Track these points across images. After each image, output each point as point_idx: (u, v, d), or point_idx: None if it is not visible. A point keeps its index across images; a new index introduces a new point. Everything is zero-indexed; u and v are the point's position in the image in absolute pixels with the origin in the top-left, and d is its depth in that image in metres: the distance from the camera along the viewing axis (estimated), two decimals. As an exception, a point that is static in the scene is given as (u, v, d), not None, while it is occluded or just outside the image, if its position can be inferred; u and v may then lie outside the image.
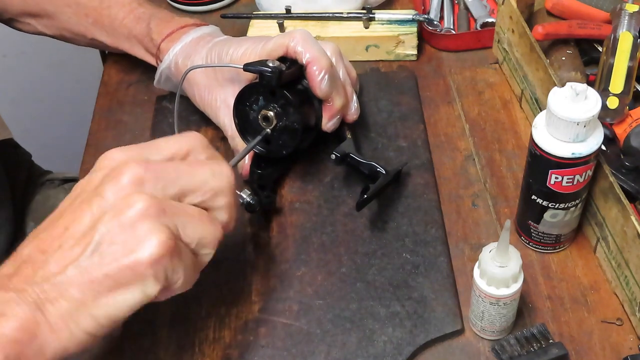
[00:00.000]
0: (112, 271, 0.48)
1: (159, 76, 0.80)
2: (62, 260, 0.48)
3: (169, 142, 0.54)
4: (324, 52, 0.70)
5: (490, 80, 0.86)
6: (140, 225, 0.48)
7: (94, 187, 0.50)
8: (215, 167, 0.53)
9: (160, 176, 0.50)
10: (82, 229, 0.48)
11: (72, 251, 0.48)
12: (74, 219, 0.49)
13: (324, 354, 0.63)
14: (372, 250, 0.70)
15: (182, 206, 0.51)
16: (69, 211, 0.50)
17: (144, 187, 0.49)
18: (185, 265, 0.50)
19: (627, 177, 0.71)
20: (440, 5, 0.95)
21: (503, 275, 0.58)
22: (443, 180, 0.76)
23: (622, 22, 0.77)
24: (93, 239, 0.48)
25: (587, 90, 0.59)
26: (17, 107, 1.57)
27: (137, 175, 0.49)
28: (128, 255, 0.48)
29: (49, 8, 0.84)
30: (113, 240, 0.48)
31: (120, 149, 0.52)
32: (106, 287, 0.48)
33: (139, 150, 0.52)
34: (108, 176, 0.50)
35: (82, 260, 0.48)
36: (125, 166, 0.49)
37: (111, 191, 0.49)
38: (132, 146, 0.53)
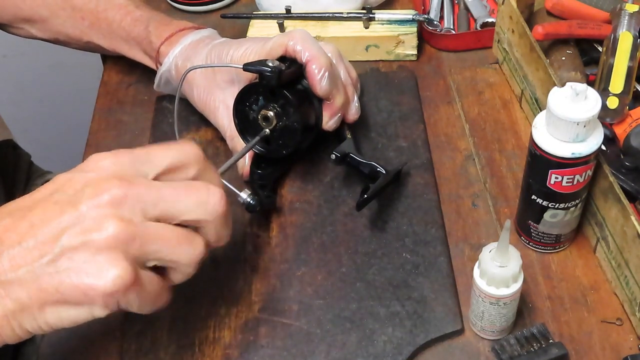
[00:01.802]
0: (62, 287, 0.47)
1: (159, 79, 0.80)
2: (17, 258, 0.47)
3: (162, 155, 0.51)
4: (323, 51, 0.70)
5: (490, 80, 0.86)
6: (103, 253, 0.47)
7: (72, 192, 0.48)
8: (202, 195, 0.51)
9: (142, 200, 0.48)
10: (46, 234, 0.47)
11: (30, 253, 0.47)
12: (42, 219, 0.47)
13: (324, 354, 0.63)
14: (372, 250, 0.70)
15: (159, 230, 0.49)
16: (40, 208, 0.48)
17: (122, 209, 0.47)
18: (146, 293, 0.49)
19: (627, 177, 0.71)
20: (440, 5, 0.95)
21: (503, 275, 0.58)
22: (443, 180, 0.76)
23: (622, 22, 0.77)
24: (54, 248, 0.47)
25: (587, 90, 0.59)
26: (17, 108, 1.57)
27: (117, 196, 0.47)
28: (82, 279, 0.46)
29: (43, 12, 0.83)
30: (73, 257, 0.47)
31: (111, 156, 0.50)
32: (54, 299, 0.47)
33: (129, 162, 0.50)
34: (89, 186, 0.48)
35: (37, 266, 0.47)
36: (108, 183, 0.48)
37: (87, 205, 0.47)
38: (123, 154, 0.50)
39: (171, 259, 0.50)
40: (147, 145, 0.54)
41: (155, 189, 0.49)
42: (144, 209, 0.48)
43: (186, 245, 0.50)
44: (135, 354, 0.64)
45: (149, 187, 0.49)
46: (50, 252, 0.46)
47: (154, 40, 0.79)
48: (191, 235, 0.50)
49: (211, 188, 0.51)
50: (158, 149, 0.51)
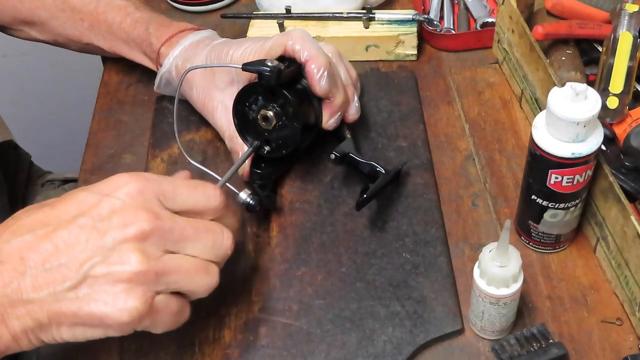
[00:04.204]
0: (81, 313, 0.49)
1: (159, 80, 0.80)
2: (39, 279, 0.48)
3: (187, 196, 0.53)
4: (322, 51, 0.70)
5: (490, 80, 0.86)
6: (124, 286, 0.49)
7: (99, 218, 0.49)
8: (218, 239, 0.54)
9: (166, 236, 0.50)
10: (70, 259, 0.48)
11: (52, 276, 0.48)
12: (66, 243, 0.49)
13: (324, 354, 0.63)
14: (372, 250, 0.70)
15: (178, 262, 0.51)
16: (65, 230, 0.49)
17: (146, 244, 0.50)
18: (163, 318, 0.52)
19: (627, 177, 0.71)
20: (440, 5, 0.95)
21: (503, 275, 0.58)
22: (443, 180, 0.76)
23: (622, 22, 0.77)
24: (77, 275, 0.48)
25: (587, 90, 0.59)
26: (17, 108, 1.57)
27: (144, 231, 0.49)
28: (100, 307, 0.49)
29: (42, 14, 0.83)
30: (93, 286, 0.49)
31: (138, 182, 0.51)
32: (72, 321, 0.50)
33: (156, 194, 0.51)
34: (116, 215, 0.49)
35: (59, 290, 0.48)
36: (135, 215, 0.49)
37: (113, 236, 0.49)
38: (151, 185, 0.51)
39: (187, 289, 0.53)
40: (173, 177, 0.56)
41: (178, 226, 0.51)
42: (165, 244, 0.51)
43: (203, 275, 0.53)
44: (135, 354, 0.64)
45: (173, 224, 0.51)
46: (72, 277, 0.48)
47: (154, 41, 0.79)
48: (207, 266, 0.53)
49: (225, 234, 0.54)
50: (184, 188, 0.54)
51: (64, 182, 1.03)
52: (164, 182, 0.52)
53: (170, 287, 0.51)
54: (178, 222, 0.51)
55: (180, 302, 0.53)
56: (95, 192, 0.51)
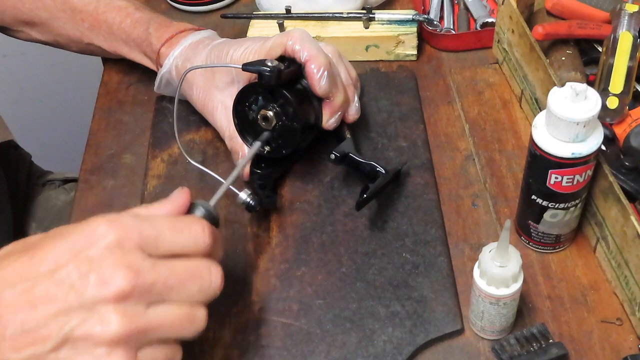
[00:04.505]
0: None
1: (159, 81, 0.80)
2: (19, 340, 0.47)
3: (171, 241, 0.51)
4: (322, 51, 0.70)
5: (490, 80, 0.86)
6: (105, 348, 0.47)
7: (77, 275, 0.47)
8: (205, 281, 0.51)
9: (147, 291, 0.48)
10: (49, 319, 0.47)
11: (33, 337, 0.47)
12: (44, 303, 0.47)
13: (324, 353, 0.63)
14: (372, 250, 0.70)
15: (161, 315, 0.49)
16: (43, 286, 0.47)
17: (127, 303, 0.47)
18: None
19: (627, 177, 0.71)
20: (440, 5, 0.95)
21: (503, 275, 0.58)
22: (443, 180, 0.76)
23: (622, 22, 0.77)
24: (57, 335, 0.46)
25: (587, 90, 0.59)
26: (17, 108, 1.57)
27: (123, 290, 0.47)
28: None
29: (43, 15, 0.83)
30: (75, 348, 0.47)
31: (118, 231, 0.48)
32: None
33: (136, 244, 0.49)
34: (95, 273, 0.47)
35: (39, 352, 0.47)
36: (114, 273, 0.47)
37: (92, 295, 0.47)
38: (131, 231, 0.49)
39: (172, 335, 0.51)
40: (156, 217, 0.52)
41: (161, 278, 0.49)
42: (148, 299, 0.48)
43: (188, 324, 0.51)
44: (135, 354, 0.64)
45: (155, 277, 0.49)
46: (52, 339, 0.46)
47: (154, 42, 0.79)
48: (193, 312, 0.51)
49: (214, 272, 0.52)
50: (169, 232, 0.51)
51: (64, 182, 1.03)
52: (146, 229, 0.50)
53: (154, 340, 0.49)
54: (161, 273, 0.49)
55: (167, 349, 0.51)
56: (74, 244, 0.48)
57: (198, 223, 0.52)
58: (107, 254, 0.48)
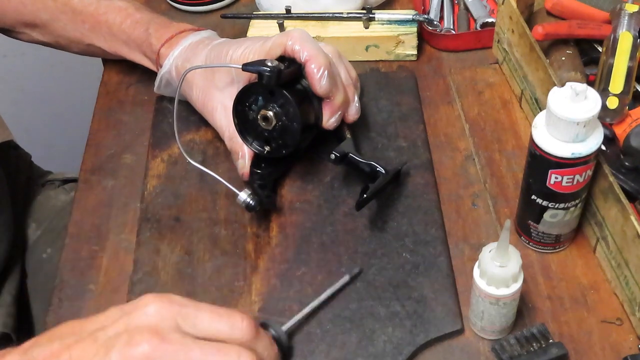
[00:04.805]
0: None
1: (159, 81, 0.80)
2: None
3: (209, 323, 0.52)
4: (322, 50, 0.70)
5: (490, 80, 0.86)
6: None
7: (113, 334, 0.50)
8: None
9: (168, 358, 0.50)
10: None
11: None
12: (78, 357, 0.50)
13: (324, 353, 0.63)
14: (372, 250, 0.70)
15: None
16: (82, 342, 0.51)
17: None
18: None
19: (627, 177, 0.71)
20: (440, 5, 0.95)
21: (503, 275, 0.58)
22: (443, 180, 0.76)
23: (622, 22, 0.77)
24: None
25: (587, 90, 0.59)
26: (17, 108, 1.57)
27: (144, 353, 0.49)
28: None
29: (44, 16, 0.83)
30: None
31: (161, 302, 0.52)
32: None
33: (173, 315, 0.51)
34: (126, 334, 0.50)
35: None
36: (141, 336, 0.50)
37: (117, 354, 0.49)
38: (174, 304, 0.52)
39: None
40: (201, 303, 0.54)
41: (184, 349, 0.50)
42: None
43: None
44: (135, 354, 0.64)
45: (179, 347, 0.50)
46: None
47: (154, 42, 0.79)
48: None
49: (242, 354, 0.51)
50: (208, 315, 0.53)
51: (64, 182, 1.03)
52: (188, 306, 0.52)
53: None
54: (186, 344, 0.50)
55: None
56: (123, 309, 0.52)
57: (238, 314, 0.54)
58: (143, 318, 0.51)
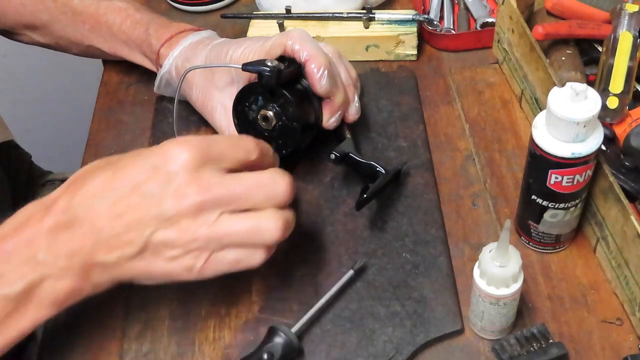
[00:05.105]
0: (151, 271, 0.56)
1: (159, 81, 0.80)
2: (110, 244, 0.54)
3: (233, 155, 0.57)
4: (322, 50, 0.70)
5: (490, 80, 0.86)
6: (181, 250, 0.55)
7: (157, 189, 0.54)
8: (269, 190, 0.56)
9: (217, 202, 0.55)
10: (133, 226, 0.54)
11: (120, 241, 0.54)
12: (129, 212, 0.54)
13: (324, 354, 0.63)
14: (372, 250, 0.70)
15: (231, 224, 0.55)
16: (127, 198, 0.54)
17: (200, 214, 0.54)
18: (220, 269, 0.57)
19: (627, 177, 0.71)
20: (440, 5, 0.95)
21: (503, 275, 0.58)
22: (443, 180, 0.76)
23: (622, 22, 0.77)
24: (140, 241, 0.54)
25: (587, 90, 0.59)
26: (17, 108, 1.57)
27: (196, 203, 0.54)
28: (165, 268, 0.55)
29: (44, 17, 0.83)
30: (156, 250, 0.55)
31: (190, 151, 0.55)
32: (145, 277, 0.56)
33: (207, 158, 0.55)
34: (172, 187, 0.54)
35: (127, 254, 0.54)
36: (189, 188, 0.54)
37: (170, 207, 0.54)
38: (201, 151, 0.55)
39: (246, 244, 0.56)
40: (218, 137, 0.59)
41: (228, 190, 0.55)
42: (218, 209, 0.55)
43: (256, 231, 0.56)
44: (135, 354, 0.64)
45: (223, 189, 0.55)
46: (137, 243, 0.54)
47: (153, 42, 0.79)
48: (259, 222, 0.56)
49: (277, 180, 0.57)
50: (230, 150, 0.57)
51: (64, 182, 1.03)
52: (212, 146, 0.56)
53: (226, 246, 0.56)
54: (228, 185, 0.55)
55: (239, 253, 0.56)
56: (153, 162, 0.55)
57: (247, 138, 0.59)
58: (181, 170, 0.54)
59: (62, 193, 0.56)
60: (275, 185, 0.57)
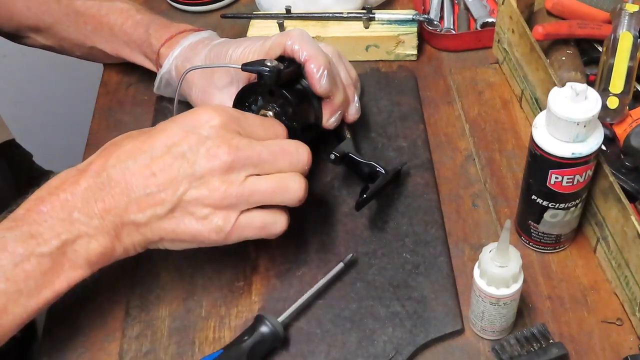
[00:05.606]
0: (178, 231, 0.58)
1: (159, 82, 0.80)
2: (142, 203, 0.57)
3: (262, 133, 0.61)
4: (321, 50, 0.70)
5: (490, 80, 0.86)
6: (211, 209, 0.57)
7: (188, 149, 0.57)
8: (293, 157, 0.60)
9: (246, 163, 0.58)
10: (166, 185, 0.57)
11: (153, 200, 0.57)
12: (162, 171, 0.57)
13: (324, 353, 0.63)
14: (372, 250, 0.70)
15: (258, 184, 0.58)
16: (161, 160, 0.57)
17: (229, 173, 0.57)
18: (252, 229, 0.60)
19: (627, 177, 0.71)
20: (440, 5, 0.95)
21: (503, 275, 0.58)
22: (443, 180, 0.76)
23: (622, 22, 0.77)
24: (172, 199, 0.57)
25: (587, 90, 0.59)
26: (17, 107, 1.57)
27: (226, 162, 0.57)
28: (194, 227, 0.58)
29: (48, 19, 0.84)
30: (187, 209, 0.57)
31: (221, 116, 0.58)
32: (172, 237, 0.59)
33: (236, 126, 0.59)
34: (203, 147, 0.57)
35: (159, 212, 0.57)
36: (219, 149, 0.57)
37: (201, 166, 0.57)
38: (231, 119, 0.59)
39: (272, 204, 0.60)
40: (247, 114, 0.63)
41: (256, 152, 0.58)
42: (247, 170, 0.58)
43: (282, 192, 0.59)
44: (135, 354, 0.64)
45: (251, 152, 0.58)
46: (169, 201, 0.57)
47: (154, 42, 0.79)
48: (285, 183, 0.59)
49: (300, 149, 0.61)
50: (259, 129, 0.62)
51: None
52: (240, 120, 0.60)
53: (253, 205, 0.59)
54: (256, 148, 0.58)
55: (266, 214, 0.60)
56: (185, 125, 0.58)
57: (278, 123, 0.65)
58: (212, 132, 0.58)
59: (96, 158, 0.58)
60: (298, 153, 0.60)
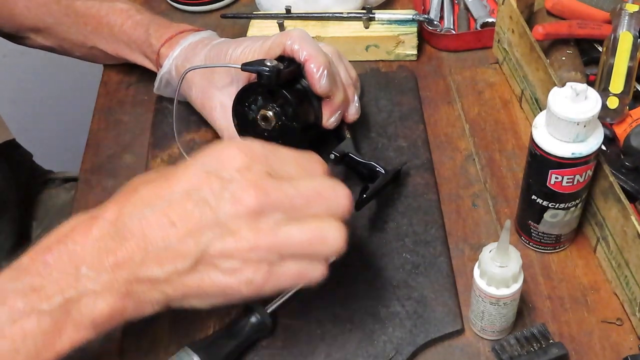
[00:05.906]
0: (204, 286, 0.51)
1: (159, 82, 0.80)
2: (162, 257, 0.50)
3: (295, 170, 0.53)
4: (321, 50, 0.70)
5: (490, 80, 0.86)
6: (239, 261, 0.50)
7: (211, 195, 0.50)
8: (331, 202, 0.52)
9: (276, 209, 0.50)
10: (187, 236, 0.50)
11: (173, 253, 0.50)
12: (181, 218, 0.50)
13: (324, 353, 0.63)
14: (372, 250, 0.70)
15: (290, 233, 0.51)
16: (180, 206, 0.50)
17: (258, 220, 0.50)
18: (282, 282, 0.52)
19: (627, 177, 0.71)
20: (440, 5, 0.95)
21: (503, 275, 0.58)
22: (443, 180, 0.76)
23: (622, 22, 0.77)
24: (196, 251, 0.50)
25: (587, 90, 0.59)
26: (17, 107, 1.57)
27: (254, 208, 0.49)
28: (221, 282, 0.50)
29: (48, 19, 0.84)
30: (212, 262, 0.50)
31: (247, 156, 0.51)
32: (197, 293, 0.52)
33: (264, 165, 0.51)
34: (228, 192, 0.50)
35: (181, 267, 0.50)
36: (246, 193, 0.49)
37: (225, 213, 0.49)
38: (259, 157, 0.52)
39: (307, 255, 0.52)
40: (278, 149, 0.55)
41: (288, 197, 0.50)
42: (277, 217, 0.50)
43: (318, 242, 0.52)
44: (135, 354, 0.64)
45: (282, 195, 0.50)
46: (192, 254, 0.50)
47: (154, 42, 0.79)
48: (322, 232, 0.51)
49: (338, 190, 0.53)
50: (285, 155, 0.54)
51: (65, 181, 1.03)
52: (269, 157, 0.52)
53: (286, 256, 0.51)
54: (287, 192, 0.51)
55: (300, 266, 0.52)
56: (206, 167, 0.51)
57: (316, 158, 0.56)
58: (237, 175, 0.50)
59: (110, 204, 0.52)
60: (337, 197, 0.53)
